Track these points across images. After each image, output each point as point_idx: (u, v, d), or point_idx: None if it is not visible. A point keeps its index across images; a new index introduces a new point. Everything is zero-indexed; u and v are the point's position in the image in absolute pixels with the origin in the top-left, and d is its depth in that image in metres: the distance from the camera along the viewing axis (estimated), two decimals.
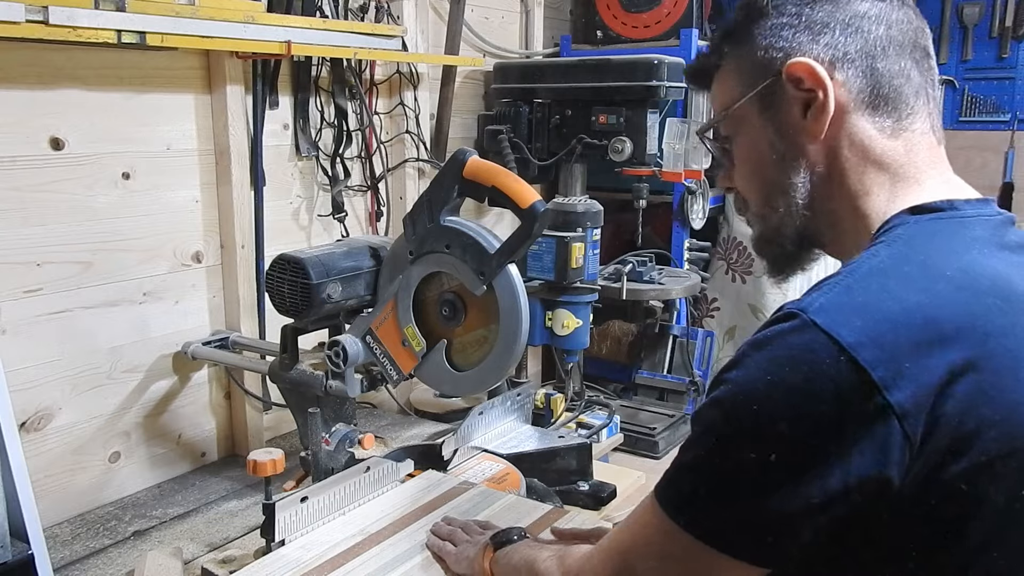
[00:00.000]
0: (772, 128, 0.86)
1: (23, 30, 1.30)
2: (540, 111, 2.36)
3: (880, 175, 0.83)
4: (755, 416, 0.68)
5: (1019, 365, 0.67)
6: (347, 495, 1.32)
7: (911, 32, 0.83)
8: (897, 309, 0.68)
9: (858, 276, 0.72)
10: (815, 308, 0.69)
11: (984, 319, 0.68)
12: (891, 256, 0.74)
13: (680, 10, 2.63)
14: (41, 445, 1.53)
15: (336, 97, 2.05)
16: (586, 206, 2.04)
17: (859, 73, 0.82)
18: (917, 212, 0.79)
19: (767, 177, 0.89)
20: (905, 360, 0.65)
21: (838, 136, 0.83)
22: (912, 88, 0.83)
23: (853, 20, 0.82)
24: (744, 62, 0.88)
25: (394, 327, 1.41)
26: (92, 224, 1.57)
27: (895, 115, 0.82)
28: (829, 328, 0.67)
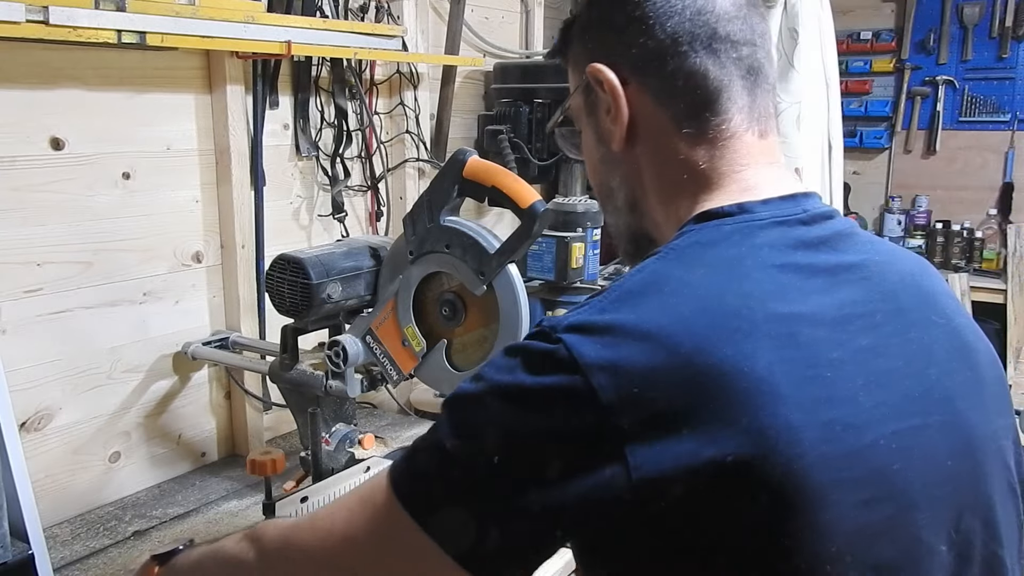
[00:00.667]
0: (592, 130, 0.85)
1: (23, 30, 1.30)
2: (540, 111, 2.36)
3: (686, 182, 0.79)
4: (493, 416, 0.66)
5: (757, 390, 0.62)
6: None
7: (710, 21, 0.77)
8: (638, 332, 0.64)
9: (614, 295, 0.69)
10: (564, 326, 0.67)
11: (723, 344, 0.63)
12: (651, 273, 0.70)
13: None
14: (41, 445, 1.53)
15: (336, 97, 2.05)
16: (586, 206, 2.04)
17: (652, 76, 0.78)
18: (703, 219, 0.75)
19: (598, 177, 0.88)
20: (636, 386, 0.62)
21: (643, 143, 0.80)
22: (711, 87, 0.77)
23: (648, 16, 0.77)
24: (578, 56, 0.86)
25: (394, 327, 1.41)
26: (92, 224, 1.57)
27: (696, 119, 0.77)
28: (571, 347, 0.64)
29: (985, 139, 3.78)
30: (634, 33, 0.78)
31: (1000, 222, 3.80)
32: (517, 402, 0.66)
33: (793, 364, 0.64)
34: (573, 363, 0.64)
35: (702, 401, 0.62)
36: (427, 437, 0.72)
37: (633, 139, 0.80)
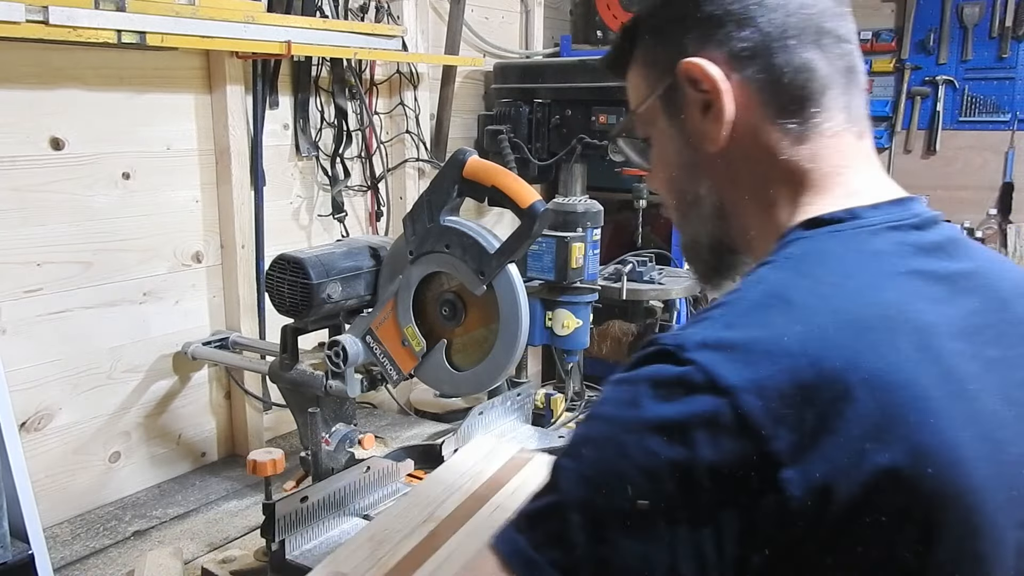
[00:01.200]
0: (677, 132, 0.79)
1: (23, 30, 1.30)
2: (540, 111, 2.36)
3: (786, 184, 0.75)
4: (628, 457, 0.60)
5: (911, 403, 0.59)
6: (347, 495, 1.32)
7: (816, 16, 0.74)
8: (779, 350, 0.60)
9: (739, 309, 0.65)
10: (693, 343, 0.61)
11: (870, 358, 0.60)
12: (775, 284, 0.67)
13: None
14: (41, 445, 1.53)
15: (336, 97, 2.05)
16: (586, 206, 2.03)
17: (757, 71, 0.74)
18: (813, 225, 0.72)
19: (678, 185, 0.83)
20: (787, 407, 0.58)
21: (742, 142, 0.75)
22: (819, 83, 0.74)
23: (749, 9, 0.74)
24: (650, 58, 0.81)
25: (394, 327, 1.41)
26: (92, 224, 1.57)
27: (801, 115, 0.74)
28: (710, 367, 0.59)
29: (985, 139, 3.78)
30: (734, 26, 0.74)
31: (1000, 222, 3.80)
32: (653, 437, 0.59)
33: (939, 378, 0.61)
34: (713, 386, 0.59)
35: (855, 418, 0.58)
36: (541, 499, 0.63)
37: (731, 139, 0.75)
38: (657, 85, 0.79)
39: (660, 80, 0.79)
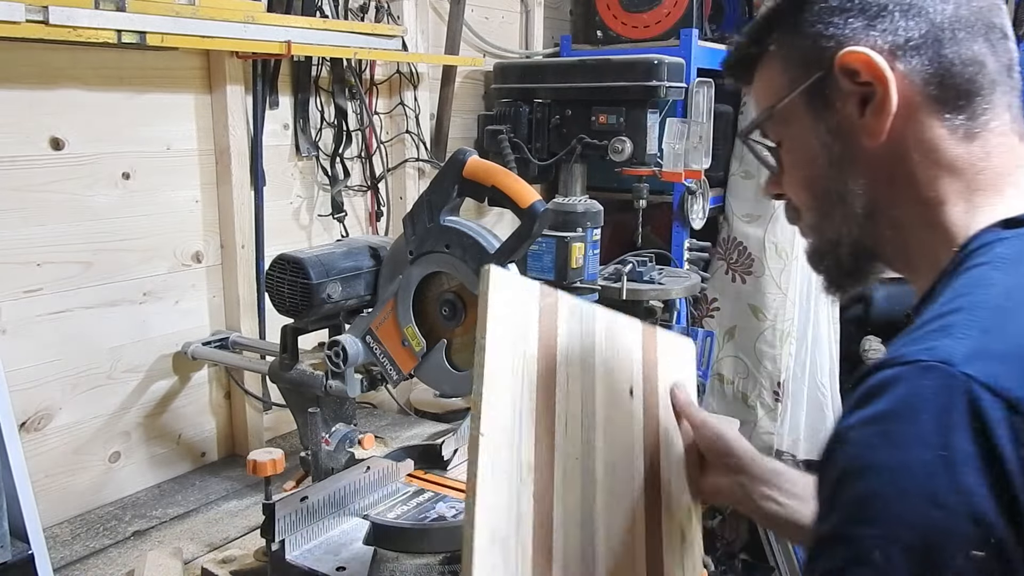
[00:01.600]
0: (825, 128, 0.76)
1: (23, 30, 1.30)
2: (540, 111, 2.36)
3: (955, 182, 0.71)
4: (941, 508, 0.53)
5: None
6: (347, 495, 1.32)
7: (984, 9, 0.72)
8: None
9: (987, 313, 0.59)
10: (961, 357, 0.55)
11: None
12: (1011, 285, 0.62)
13: (680, 10, 2.63)
14: (41, 445, 1.53)
15: (336, 97, 2.05)
16: (586, 206, 2.03)
17: (924, 62, 0.70)
18: (1012, 225, 0.68)
19: (821, 184, 0.78)
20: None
21: (903, 136, 0.72)
22: (987, 77, 0.71)
23: (916, 1, 0.71)
24: (791, 52, 0.77)
25: (394, 327, 1.41)
26: (92, 224, 1.57)
27: (968, 111, 0.71)
28: (991, 381, 0.53)
29: None
30: (899, 15, 0.71)
31: None
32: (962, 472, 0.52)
33: None
34: (1007, 401, 0.53)
35: None
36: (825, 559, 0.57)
37: (890, 133, 0.72)
38: (801, 80, 0.76)
39: (805, 74, 0.75)
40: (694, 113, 2.42)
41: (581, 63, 2.38)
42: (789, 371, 2.74)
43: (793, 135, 0.79)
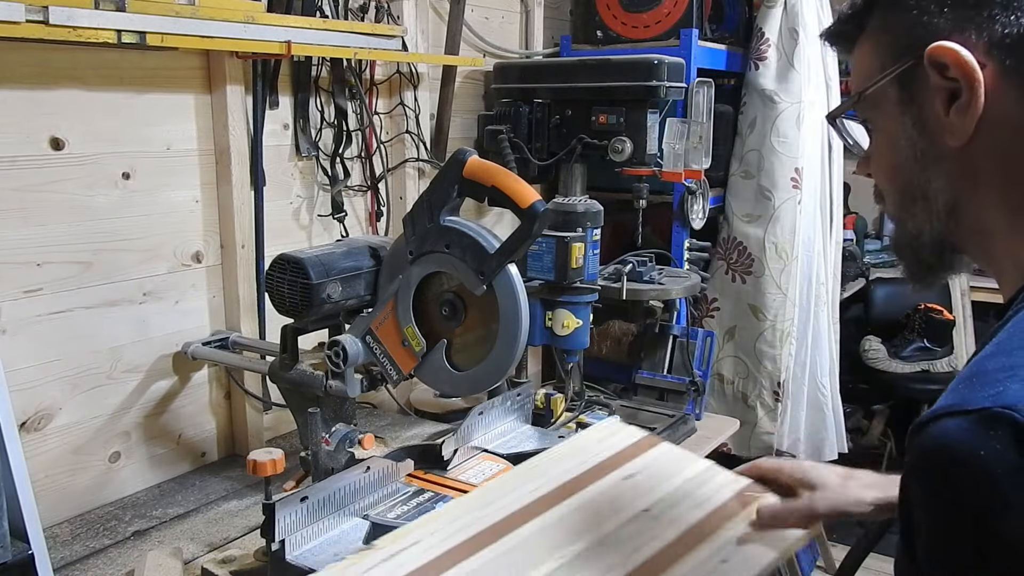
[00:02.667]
0: (911, 120, 0.72)
1: (23, 30, 1.30)
2: (540, 111, 2.35)
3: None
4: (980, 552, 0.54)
5: None
6: (347, 495, 1.32)
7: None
8: None
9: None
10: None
11: None
12: None
13: (680, 10, 2.63)
14: (41, 445, 1.53)
15: (336, 97, 2.05)
16: (586, 206, 2.03)
17: (1021, 62, 0.66)
18: None
19: (903, 176, 0.75)
20: None
21: (993, 138, 0.68)
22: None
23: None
24: (886, 35, 0.74)
25: (394, 327, 1.41)
26: (92, 224, 1.57)
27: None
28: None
29: None
30: (1000, 9, 0.66)
31: None
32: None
33: None
34: None
35: None
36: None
37: (978, 134, 0.68)
38: (892, 65, 0.72)
39: (897, 60, 0.72)
40: (694, 113, 2.42)
41: (581, 63, 2.38)
42: (789, 371, 2.74)
43: (881, 121, 0.77)
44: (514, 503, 1.08)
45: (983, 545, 0.54)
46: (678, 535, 1.01)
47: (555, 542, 0.99)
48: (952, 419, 0.55)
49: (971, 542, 0.55)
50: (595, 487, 1.11)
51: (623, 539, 1.00)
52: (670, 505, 1.07)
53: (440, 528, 1.04)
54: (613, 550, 0.98)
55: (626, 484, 1.11)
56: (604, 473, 1.14)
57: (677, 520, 1.03)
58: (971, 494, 0.54)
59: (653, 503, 1.07)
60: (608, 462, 1.17)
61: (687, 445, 2.27)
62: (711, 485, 1.13)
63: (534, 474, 1.15)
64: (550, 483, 1.12)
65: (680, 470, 1.17)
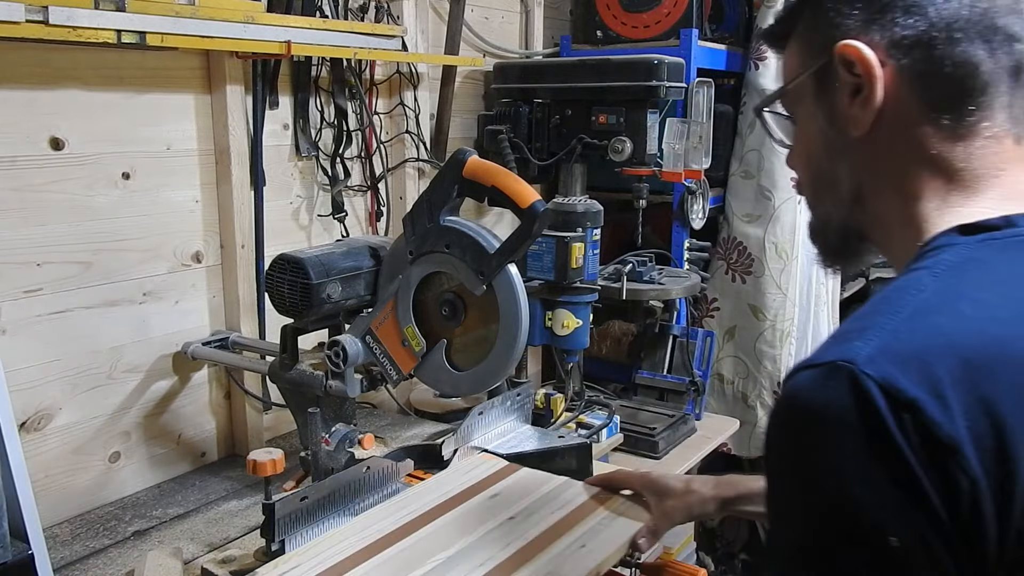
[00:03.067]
0: (823, 113, 0.79)
1: (23, 30, 1.30)
2: (540, 111, 2.36)
3: (934, 179, 0.74)
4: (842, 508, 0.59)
5: None
6: (347, 495, 1.32)
7: (990, 11, 0.72)
8: (954, 357, 0.59)
9: (904, 317, 0.63)
10: (863, 359, 0.59)
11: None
12: (940, 291, 0.65)
13: (680, 10, 2.63)
14: (41, 445, 1.53)
15: (336, 97, 2.05)
16: (586, 206, 2.03)
17: (916, 61, 0.73)
18: (968, 231, 0.70)
19: (816, 165, 0.83)
20: (966, 418, 0.57)
21: (889, 131, 0.75)
22: (980, 80, 0.72)
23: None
24: (808, 36, 0.81)
25: (394, 327, 1.41)
26: (92, 224, 1.57)
27: (956, 112, 0.72)
28: (886, 381, 0.58)
29: None
30: (900, 12, 0.73)
31: None
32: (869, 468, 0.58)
33: None
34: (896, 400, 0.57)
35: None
36: None
37: (876, 126, 0.75)
38: (810, 63, 0.79)
39: (815, 58, 0.79)
40: (694, 113, 2.42)
41: (581, 63, 2.38)
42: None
43: (800, 115, 0.83)
44: (391, 526, 1.21)
45: (812, 483, 0.61)
46: (541, 532, 1.17)
47: (431, 550, 1.14)
48: (805, 371, 0.62)
49: (802, 479, 0.62)
50: (464, 506, 1.27)
51: (493, 540, 1.15)
52: (532, 512, 1.23)
53: (321, 552, 1.16)
54: (484, 549, 1.13)
55: (492, 500, 1.28)
56: (471, 495, 1.30)
57: (539, 522, 1.20)
58: (805, 435, 0.61)
59: (517, 512, 1.24)
60: (474, 487, 1.33)
61: (687, 445, 2.27)
62: (568, 494, 1.30)
63: (407, 503, 1.28)
64: (422, 508, 1.26)
65: (539, 486, 1.33)
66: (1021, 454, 0.57)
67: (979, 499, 0.56)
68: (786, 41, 0.84)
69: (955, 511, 0.57)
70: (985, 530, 0.57)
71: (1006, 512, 0.57)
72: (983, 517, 0.56)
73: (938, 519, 0.57)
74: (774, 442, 0.65)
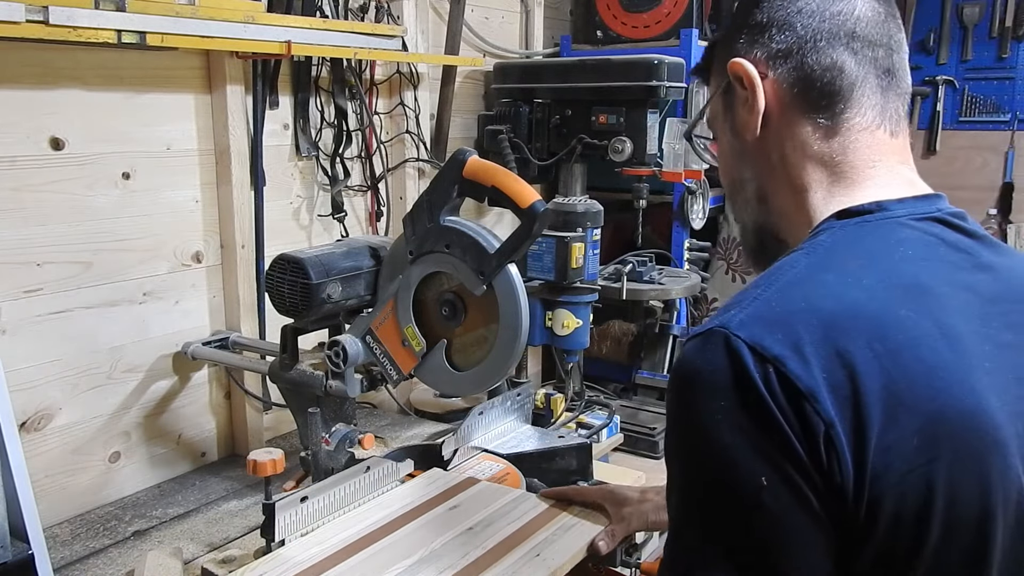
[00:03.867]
0: (729, 126, 0.89)
1: (23, 30, 1.30)
2: (540, 111, 2.36)
3: (818, 172, 0.83)
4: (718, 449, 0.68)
5: (931, 372, 0.67)
6: (347, 495, 1.32)
7: (849, 23, 0.82)
8: (815, 320, 0.68)
9: (776, 288, 0.72)
10: (736, 324, 0.69)
11: (895, 329, 0.68)
12: (809, 266, 0.74)
13: (680, 10, 2.63)
14: (41, 445, 1.53)
15: (336, 97, 2.05)
16: (586, 206, 2.03)
17: (790, 69, 0.83)
18: (844, 216, 0.79)
19: (729, 173, 0.92)
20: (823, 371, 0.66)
21: (777, 133, 0.84)
22: (847, 80, 0.81)
23: (789, 17, 0.83)
24: (719, 64, 0.91)
25: (394, 327, 1.41)
26: (92, 224, 1.57)
27: (830, 110, 0.82)
28: (753, 341, 0.67)
29: (985, 139, 3.78)
30: (776, 30, 0.83)
31: (1000, 222, 3.79)
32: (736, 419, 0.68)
33: (958, 354, 0.69)
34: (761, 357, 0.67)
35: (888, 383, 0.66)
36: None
37: (767, 130, 0.85)
38: (719, 86, 0.90)
39: (720, 81, 0.89)
40: (694, 113, 2.42)
41: (581, 63, 2.38)
42: None
43: (717, 132, 0.93)
44: (354, 536, 1.24)
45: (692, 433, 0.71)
46: (499, 542, 1.23)
47: (392, 559, 1.18)
48: (690, 340, 0.72)
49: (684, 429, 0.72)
50: (425, 516, 1.30)
51: (453, 549, 1.21)
52: (490, 523, 1.28)
53: (283, 562, 1.18)
54: (444, 558, 1.18)
55: (451, 512, 1.32)
56: (432, 507, 1.33)
57: (497, 533, 1.25)
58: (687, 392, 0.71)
59: (476, 523, 1.28)
60: (434, 499, 1.36)
61: None
62: (523, 507, 1.34)
63: (368, 514, 1.31)
64: (384, 519, 1.29)
65: (497, 499, 1.36)
66: (872, 399, 0.65)
67: (834, 438, 0.65)
68: (709, 74, 0.95)
69: (815, 450, 0.65)
70: (842, 467, 0.65)
71: (860, 449, 0.65)
72: (840, 455, 0.65)
73: (799, 459, 0.65)
74: (668, 403, 0.75)
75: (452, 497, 1.36)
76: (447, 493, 1.37)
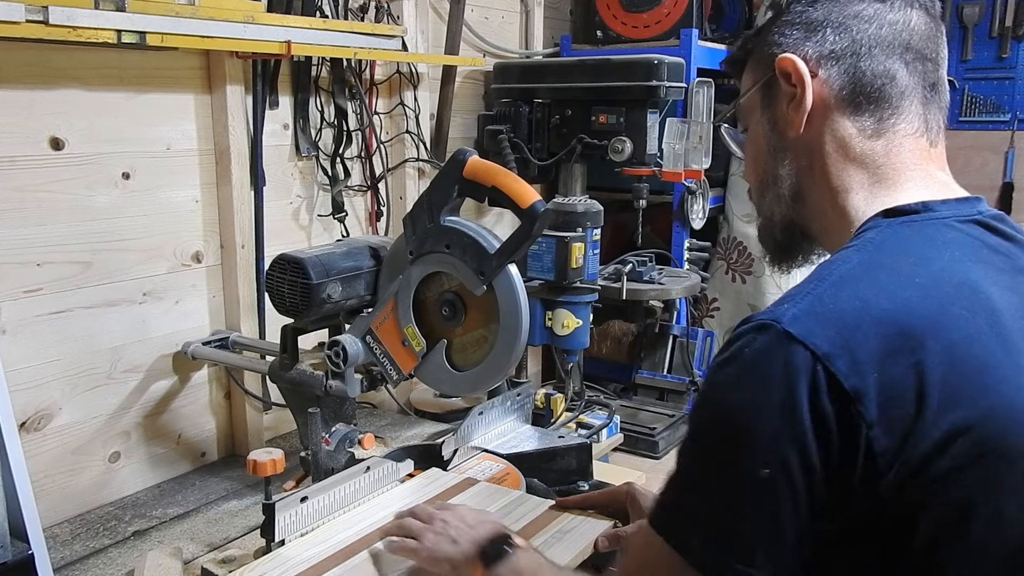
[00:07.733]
0: (767, 120, 0.90)
1: (23, 30, 1.30)
2: (540, 111, 2.36)
3: (860, 173, 0.85)
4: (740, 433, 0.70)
5: (984, 370, 0.68)
6: (347, 495, 1.32)
7: (904, 34, 0.84)
8: (869, 318, 0.69)
9: (828, 284, 0.73)
10: (788, 319, 0.70)
11: (949, 328, 0.69)
12: (862, 263, 0.75)
13: (680, 10, 2.63)
14: (41, 445, 1.53)
15: (336, 97, 2.05)
16: (586, 206, 2.03)
17: (842, 71, 0.84)
18: (891, 215, 0.81)
19: (762, 168, 0.93)
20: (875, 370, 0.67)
21: (820, 132, 0.86)
22: (897, 89, 0.84)
23: (846, 20, 0.85)
24: (758, 56, 0.91)
25: (394, 327, 1.41)
26: (92, 224, 1.57)
27: (877, 115, 0.84)
28: (804, 338, 0.68)
29: (985, 139, 3.78)
30: (828, 31, 0.85)
31: None
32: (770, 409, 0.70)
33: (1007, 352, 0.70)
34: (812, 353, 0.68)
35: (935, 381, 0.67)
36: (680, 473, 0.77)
37: (808, 128, 0.86)
38: (758, 79, 0.91)
39: (761, 74, 0.90)
40: (694, 113, 2.42)
41: (581, 63, 2.38)
42: None
43: (751, 125, 0.94)
44: (354, 536, 1.24)
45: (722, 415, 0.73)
46: None
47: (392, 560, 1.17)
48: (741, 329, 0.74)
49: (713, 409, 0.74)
50: None
51: None
52: None
53: (283, 562, 1.17)
54: None
55: None
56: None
57: None
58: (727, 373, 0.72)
59: None
60: (435, 499, 1.35)
61: None
62: (524, 507, 1.34)
63: (367, 515, 1.31)
64: (384, 520, 1.26)
65: (498, 499, 1.36)
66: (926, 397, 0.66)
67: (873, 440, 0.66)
68: (743, 66, 0.95)
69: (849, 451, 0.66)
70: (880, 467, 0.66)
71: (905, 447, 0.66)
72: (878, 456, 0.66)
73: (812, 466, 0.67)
74: (706, 383, 0.77)
75: (451, 498, 1.36)
76: (446, 494, 1.37)
